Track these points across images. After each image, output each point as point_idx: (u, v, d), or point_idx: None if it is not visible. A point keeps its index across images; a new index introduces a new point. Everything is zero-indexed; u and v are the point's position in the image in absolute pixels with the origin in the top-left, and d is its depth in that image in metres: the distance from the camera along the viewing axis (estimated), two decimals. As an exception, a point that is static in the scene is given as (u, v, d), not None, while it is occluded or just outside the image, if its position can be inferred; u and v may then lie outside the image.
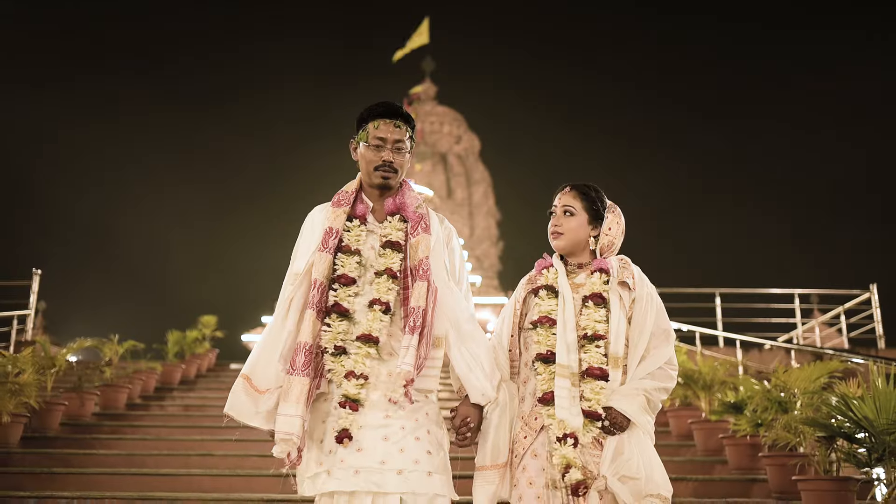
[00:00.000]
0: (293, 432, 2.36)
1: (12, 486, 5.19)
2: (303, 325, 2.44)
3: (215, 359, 11.84)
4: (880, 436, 3.91)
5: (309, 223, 2.67)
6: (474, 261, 32.89)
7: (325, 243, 2.52)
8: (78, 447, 6.46)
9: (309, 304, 2.46)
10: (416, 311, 2.42)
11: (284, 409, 2.38)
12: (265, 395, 2.44)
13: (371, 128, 2.58)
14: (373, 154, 2.57)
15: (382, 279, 2.48)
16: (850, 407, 4.05)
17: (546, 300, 2.56)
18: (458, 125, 43.67)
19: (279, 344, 2.47)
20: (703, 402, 6.49)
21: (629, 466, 2.39)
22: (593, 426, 2.43)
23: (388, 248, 2.54)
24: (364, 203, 2.62)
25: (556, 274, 2.60)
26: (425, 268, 2.49)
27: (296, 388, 2.38)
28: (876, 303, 11.85)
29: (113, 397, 8.00)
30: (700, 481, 5.57)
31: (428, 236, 2.56)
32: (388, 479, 2.34)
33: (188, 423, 7.67)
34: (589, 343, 2.49)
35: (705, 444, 6.29)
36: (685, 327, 9.30)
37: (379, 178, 2.58)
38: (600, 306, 2.51)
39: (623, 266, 2.63)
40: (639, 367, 2.53)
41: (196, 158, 47.19)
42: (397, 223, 2.57)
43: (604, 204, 2.67)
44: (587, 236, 2.64)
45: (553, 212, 2.67)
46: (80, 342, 7.58)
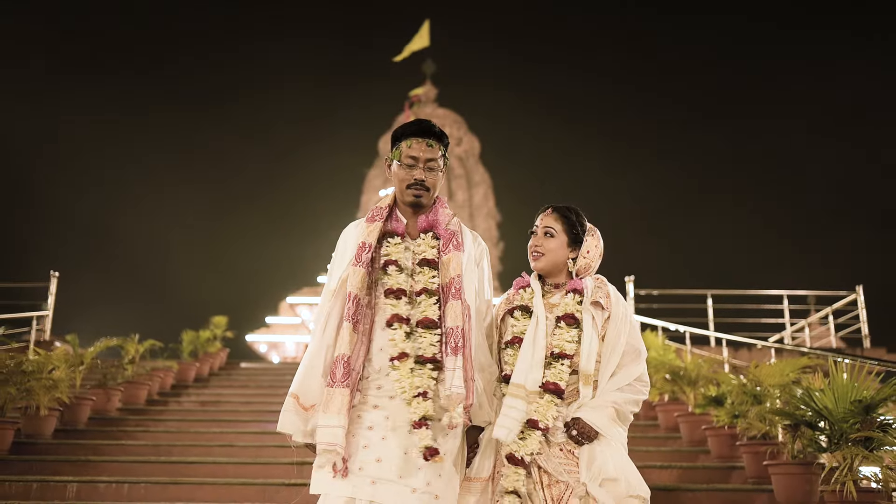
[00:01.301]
0: (336, 443, 2.36)
1: (52, 472, 5.66)
2: (340, 338, 2.44)
3: (226, 357, 12.34)
4: (838, 423, 4.38)
5: (343, 240, 2.68)
6: (474, 262, 33.25)
7: (359, 257, 2.53)
8: (107, 438, 6.95)
9: (345, 316, 2.46)
10: (456, 332, 2.44)
11: (326, 421, 2.38)
12: (310, 411, 2.46)
13: (404, 146, 2.59)
14: (405, 172, 2.58)
15: (423, 298, 2.51)
16: (812, 398, 4.52)
17: (521, 321, 2.63)
18: (458, 127, 43.95)
19: (320, 360, 2.48)
20: (688, 396, 6.96)
21: (606, 470, 2.45)
22: (533, 435, 2.47)
23: (424, 267, 2.56)
24: (398, 220, 2.63)
25: (532, 294, 2.66)
26: (457, 286, 2.51)
27: (337, 399, 2.39)
28: (862, 304, 12.27)
29: (134, 393, 8.49)
30: (685, 469, 6.05)
31: (459, 254, 2.57)
32: (403, 496, 2.36)
33: (206, 418, 8.15)
34: (555, 361, 2.54)
35: (690, 436, 6.76)
36: (673, 327, 9.71)
37: (411, 197, 2.60)
38: (572, 326, 2.56)
39: (598, 286, 2.68)
40: (609, 382, 2.58)
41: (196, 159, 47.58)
42: (430, 240, 2.59)
43: (584, 227, 2.73)
44: (566, 257, 2.68)
45: (534, 231, 2.73)
46: (105, 341, 8.06)
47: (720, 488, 5.49)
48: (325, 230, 41.75)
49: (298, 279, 35.30)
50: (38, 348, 8.31)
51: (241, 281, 43.46)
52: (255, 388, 10.26)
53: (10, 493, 5.15)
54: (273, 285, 42.78)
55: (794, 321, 12.94)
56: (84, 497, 5.09)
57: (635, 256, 38.74)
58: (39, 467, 5.79)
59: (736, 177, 47.96)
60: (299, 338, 28.70)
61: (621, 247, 41.22)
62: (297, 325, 29.24)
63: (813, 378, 5.00)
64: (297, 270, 41.77)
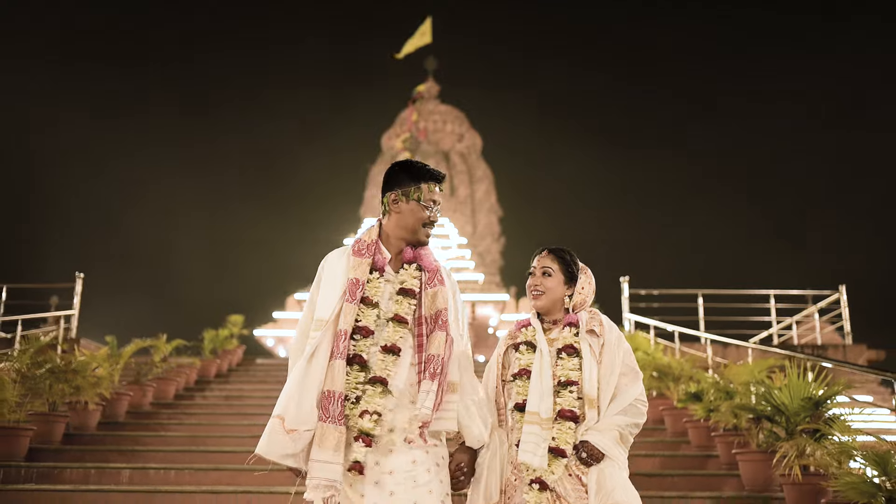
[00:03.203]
0: (336, 479, 2.44)
1: (103, 460, 6.38)
2: (335, 374, 2.53)
3: (242, 354, 13.05)
4: (792, 417, 5.09)
5: (329, 269, 2.74)
6: (477, 257, 33.68)
7: (353, 294, 2.62)
8: (145, 430, 7.69)
9: (340, 353, 2.55)
10: (436, 359, 2.57)
11: (322, 456, 2.45)
12: (292, 434, 2.50)
13: (425, 189, 2.70)
14: (424, 213, 2.71)
15: (392, 325, 2.63)
16: (771, 395, 5.23)
17: (525, 354, 2.81)
18: (460, 123, 44.48)
19: (311, 387, 2.52)
20: (672, 392, 7.66)
21: (615, 496, 2.60)
22: (559, 462, 2.64)
23: (401, 296, 2.67)
24: (382, 254, 2.73)
25: (535, 331, 2.85)
26: (444, 318, 2.65)
27: (333, 436, 2.46)
28: (844, 302, 12.92)
29: (164, 389, 9.21)
30: (667, 457, 6.78)
31: (444, 288, 2.72)
32: None
33: (232, 411, 8.88)
34: (563, 389, 2.72)
35: (673, 427, 7.48)
36: (663, 326, 10.34)
37: (425, 236, 2.74)
38: (573, 356, 2.76)
39: (591, 317, 2.88)
40: (611, 405, 2.74)
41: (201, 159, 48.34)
42: (413, 271, 2.71)
43: (577, 266, 2.92)
44: (563, 295, 2.88)
45: (532, 272, 2.92)
46: (138, 342, 8.77)
47: (697, 474, 6.21)
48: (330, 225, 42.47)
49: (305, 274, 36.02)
50: (66, 345, 9.04)
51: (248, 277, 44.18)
52: (274, 382, 10.95)
53: (71, 478, 5.86)
54: (280, 281, 43.46)
55: (781, 319, 13.56)
56: (137, 482, 5.79)
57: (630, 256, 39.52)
58: (91, 456, 6.50)
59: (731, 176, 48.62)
60: (306, 332, 29.38)
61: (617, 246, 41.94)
62: (303, 320, 29.85)
63: (777, 377, 5.69)
64: (303, 266, 42.44)
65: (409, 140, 38.67)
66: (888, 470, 3.96)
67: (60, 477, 5.86)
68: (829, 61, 49.09)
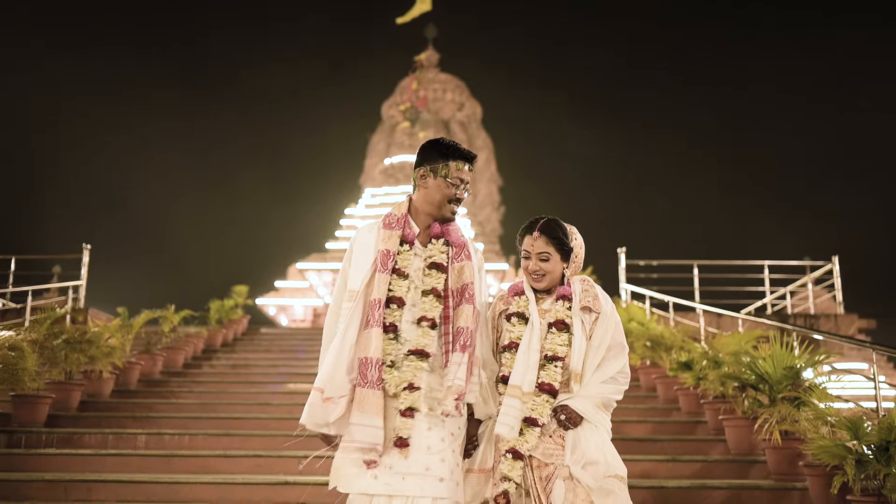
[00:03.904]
0: (377, 442, 2.53)
1: (119, 426, 6.67)
2: (371, 342, 2.62)
3: (247, 323, 13.34)
4: (775, 385, 5.36)
5: (359, 242, 2.84)
6: (477, 227, 33.87)
7: (385, 265, 2.72)
8: (157, 398, 7.99)
9: (375, 321, 2.64)
10: (465, 332, 2.67)
11: (364, 420, 2.55)
12: (328, 403, 2.61)
13: (453, 167, 2.77)
14: (450, 190, 2.78)
15: (429, 298, 2.71)
16: (756, 365, 5.50)
17: (517, 327, 2.84)
18: (460, 92, 44.36)
19: (345, 357, 2.63)
20: (665, 361, 7.94)
21: (588, 453, 2.68)
22: (532, 431, 2.71)
23: (433, 269, 2.76)
24: (411, 228, 2.82)
25: (528, 302, 2.88)
26: (470, 292, 2.75)
27: (373, 401, 2.57)
28: (837, 273, 13.17)
29: (173, 358, 9.51)
30: (658, 423, 7.08)
31: (471, 263, 2.81)
32: (431, 485, 2.56)
33: (239, 380, 9.20)
34: (549, 363, 2.76)
35: (665, 395, 7.77)
36: (659, 296, 10.57)
37: (449, 212, 2.82)
38: (563, 331, 2.79)
39: (585, 289, 2.89)
40: (595, 374, 2.80)
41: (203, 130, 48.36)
42: (441, 246, 2.79)
43: (568, 237, 2.90)
44: (562, 271, 2.89)
45: (528, 256, 2.89)
46: (148, 313, 9.04)
47: (686, 439, 6.50)
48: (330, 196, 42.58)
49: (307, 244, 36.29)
50: (79, 316, 9.29)
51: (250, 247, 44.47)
52: (278, 352, 11.28)
53: (90, 443, 6.16)
54: (281, 250, 43.77)
55: (775, 289, 13.81)
56: (153, 446, 6.09)
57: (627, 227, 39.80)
58: (108, 422, 6.80)
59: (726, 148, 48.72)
60: (307, 301, 29.74)
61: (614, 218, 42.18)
62: (305, 290, 30.23)
63: (763, 347, 5.95)
64: (305, 235, 42.67)
65: (409, 110, 38.61)
66: (859, 434, 4.24)
67: (80, 442, 6.16)
68: (831, 33, 48.90)
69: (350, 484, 2.61)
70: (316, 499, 4.88)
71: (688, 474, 5.65)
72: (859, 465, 4.16)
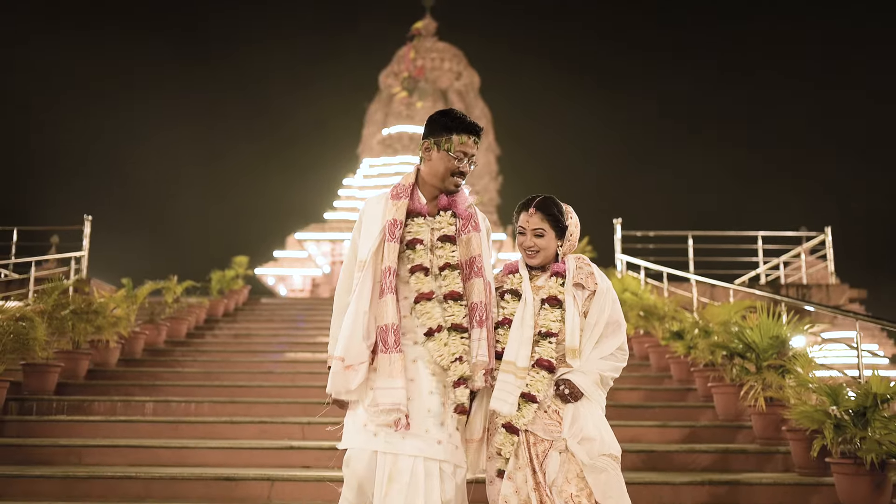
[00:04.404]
0: (401, 402, 2.61)
1: (126, 394, 6.87)
2: (388, 309, 2.68)
3: (248, 294, 13.53)
4: (761, 354, 5.56)
5: (368, 213, 2.88)
6: (474, 196, 34.04)
7: (392, 234, 2.74)
8: (162, 366, 8.19)
9: (389, 289, 2.69)
10: (480, 306, 2.75)
11: (387, 384, 2.62)
12: (349, 371, 2.68)
13: (456, 140, 2.78)
14: (454, 163, 2.79)
15: (451, 272, 2.78)
16: (743, 334, 5.69)
17: (510, 304, 2.88)
18: (458, 61, 44.11)
19: (360, 325, 2.68)
20: (657, 330, 8.14)
21: (586, 430, 2.71)
22: (529, 407, 2.74)
23: (445, 242, 2.81)
24: (418, 199, 2.85)
25: (521, 279, 2.91)
26: (479, 265, 2.80)
27: (395, 364, 2.63)
28: (829, 243, 13.35)
29: (176, 328, 9.70)
30: (651, 390, 7.29)
31: (479, 234, 2.84)
32: (431, 447, 2.63)
33: (241, 349, 9.41)
34: (543, 339, 2.80)
35: (657, 364, 7.98)
36: (653, 267, 10.73)
37: (452, 185, 2.84)
38: (556, 307, 2.82)
39: (580, 266, 2.92)
40: (594, 351, 2.83)
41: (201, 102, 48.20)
42: (449, 218, 2.83)
43: (564, 215, 2.94)
44: (556, 248, 2.92)
45: (523, 232, 2.93)
46: (151, 284, 9.22)
47: (677, 405, 6.71)
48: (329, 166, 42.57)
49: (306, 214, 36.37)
50: (85, 287, 9.46)
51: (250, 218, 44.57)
52: (279, 321, 11.48)
53: (99, 410, 6.36)
54: (280, 221, 43.87)
55: (768, 259, 13.98)
56: (160, 413, 6.29)
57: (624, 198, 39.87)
58: (115, 390, 7.00)
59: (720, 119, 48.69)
60: (306, 271, 29.93)
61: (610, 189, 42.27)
62: (303, 260, 30.41)
63: (751, 317, 6.14)
64: (303, 206, 42.77)
65: (407, 79, 38.47)
66: (839, 400, 4.44)
67: (89, 409, 6.36)
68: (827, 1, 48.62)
69: (350, 439, 2.70)
70: (319, 462, 5.09)
71: (677, 439, 5.87)
72: (837, 429, 4.36)
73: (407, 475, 2.58)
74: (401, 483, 2.57)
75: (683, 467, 5.32)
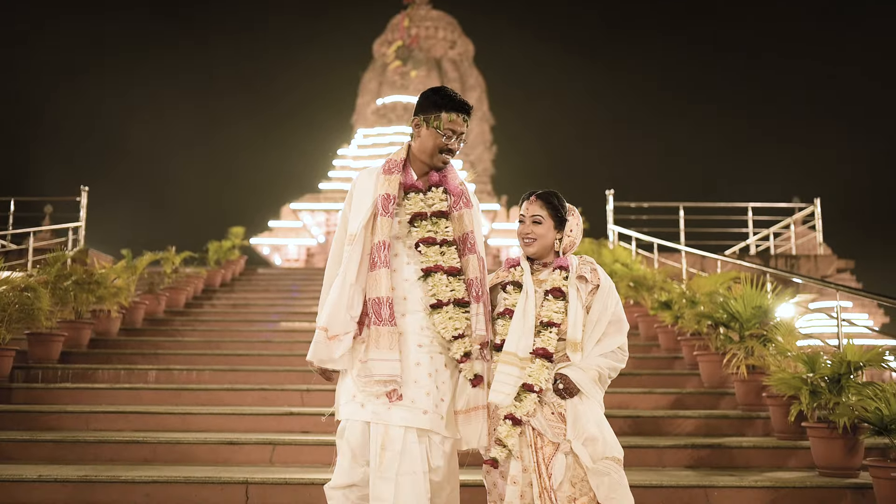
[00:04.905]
0: (396, 373, 2.65)
1: (129, 362, 7.06)
2: (380, 282, 2.70)
3: (244, 264, 13.69)
4: (745, 323, 5.76)
5: (359, 187, 2.88)
6: (468, 166, 34.01)
7: (386, 208, 2.76)
8: (162, 335, 8.38)
9: (383, 262, 2.71)
10: (476, 282, 2.79)
11: (381, 355, 2.65)
12: (334, 341, 2.70)
13: (445, 117, 2.79)
14: (442, 140, 2.80)
15: (446, 248, 2.80)
16: (727, 304, 5.88)
17: (512, 295, 2.88)
18: (452, 30, 43.83)
19: (345, 297, 2.70)
20: (646, 300, 8.34)
21: (589, 429, 2.69)
22: (529, 397, 2.73)
23: (440, 218, 2.83)
24: (410, 174, 2.87)
25: (522, 272, 2.92)
26: (472, 241, 2.84)
27: (387, 337, 2.66)
28: (818, 215, 13.53)
29: (175, 298, 9.87)
30: (639, 359, 7.51)
31: (470, 210, 2.88)
32: (417, 417, 2.67)
33: (239, 318, 9.59)
34: (545, 329, 2.80)
35: (646, 333, 8.20)
36: (645, 238, 10.90)
37: (440, 162, 2.85)
38: (559, 299, 2.82)
39: (582, 263, 2.93)
40: (595, 348, 2.81)
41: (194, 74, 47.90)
42: (441, 194, 2.85)
43: (565, 209, 2.94)
44: (553, 239, 2.91)
45: (522, 220, 2.95)
46: (150, 255, 9.35)
47: (665, 373, 6.93)
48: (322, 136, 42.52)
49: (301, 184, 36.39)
50: (85, 258, 9.60)
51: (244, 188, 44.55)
52: (275, 291, 11.66)
53: (103, 378, 6.54)
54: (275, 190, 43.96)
55: (758, 230, 14.16)
56: (163, 381, 6.48)
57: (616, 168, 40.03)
58: (118, 358, 7.18)
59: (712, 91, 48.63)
60: (301, 241, 30.07)
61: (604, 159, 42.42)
62: (298, 229, 30.52)
63: (735, 287, 6.34)
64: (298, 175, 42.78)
65: (401, 48, 38.27)
66: (815, 368, 4.64)
67: (93, 377, 6.54)
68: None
69: (342, 410, 2.76)
70: (318, 427, 5.29)
71: (663, 405, 6.09)
72: (813, 395, 4.57)
73: (399, 443, 2.64)
74: (393, 451, 2.64)
75: (669, 432, 5.54)
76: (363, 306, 2.73)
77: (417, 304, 2.78)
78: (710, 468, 4.95)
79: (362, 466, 2.71)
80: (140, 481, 4.29)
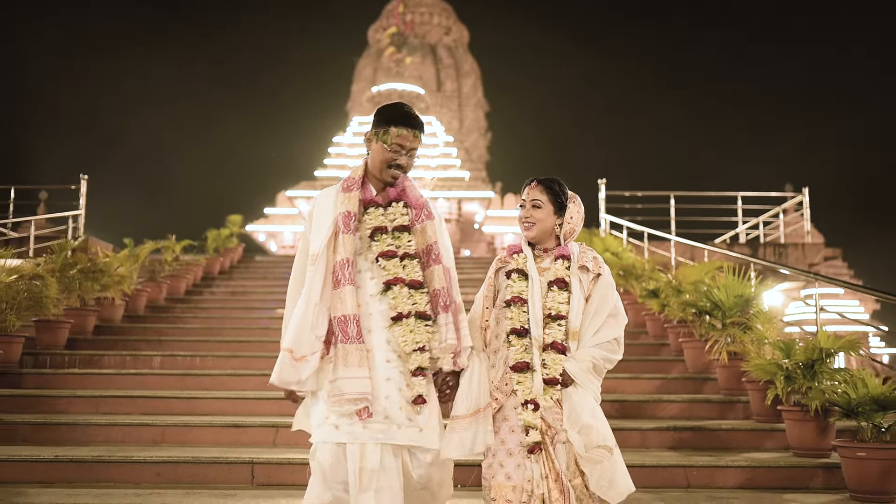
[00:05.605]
0: (367, 391, 2.61)
1: (133, 348, 7.29)
2: (346, 300, 2.67)
3: (242, 252, 13.89)
4: (727, 312, 6.01)
5: (319, 207, 2.85)
6: (463, 153, 34.11)
7: (347, 225, 2.74)
8: (164, 322, 8.61)
9: (347, 280, 2.69)
10: (443, 293, 2.78)
11: (351, 373, 2.62)
12: (301, 362, 2.66)
13: (394, 132, 2.78)
14: (390, 155, 2.80)
15: (410, 262, 2.78)
16: (711, 293, 6.13)
17: (518, 282, 2.88)
18: (447, 16, 43.85)
19: (309, 316, 2.67)
20: (635, 288, 8.59)
21: (584, 417, 2.72)
22: (554, 390, 2.75)
23: (403, 232, 2.82)
24: (370, 190, 2.85)
25: (526, 259, 2.92)
26: (436, 252, 2.83)
27: (356, 354, 2.63)
28: (807, 204, 13.77)
29: (176, 286, 10.09)
30: (628, 345, 7.68)
31: (433, 222, 2.87)
32: (392, 434, 2.65)
33: (239, 305, 9.82)
34: (552, 321, 2.81)
35: (634, 320, 8.45)
36: (632, 225, 11.14)
37: (389, 177, 2.84)
38: (563, 290, 2.84)
39: (583, 252, 2.95)
40: (592, 338, 2.83)
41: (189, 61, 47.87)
42: (402, 209, 2.84)
43: (566, 196, 2.95)
44: (553, 225, 2.93)
45: (523, 205, 2.97)
46: (151, 244, 9.56)
47: (651, 359, 7.20)
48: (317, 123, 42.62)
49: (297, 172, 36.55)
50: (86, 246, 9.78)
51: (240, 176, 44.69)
52: (273, 279, 11.86)
53: (110, 363, 6.77)
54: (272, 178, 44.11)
55: (748, 219, 14.39)
56: (168, 367, 6.71)
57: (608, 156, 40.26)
58: (123, 345, 7.41)
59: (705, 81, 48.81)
60: (297, 228, 30.27)
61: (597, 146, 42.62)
62: (294, 216, 30.71)
63: (719, 277, 6.59)
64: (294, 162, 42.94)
65: (396, 35, 38.29)
66: (790, 354, 4.90)
67: (100, 363, 6.77)
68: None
69: (315, 433, 2.71)
70: (319, 411, 5.53)
71: (650, 390, 6.35)
72: (788, 380, 4.83)
73: (376, 461, 2.62)
74: (371, 470, 2.61)
75: (653, 415, 5.80)
76: (329, 325, 2.70)
77: (382, 319, 2.74)
78: (692, 449, 5.21)
79: (331, 489, 2.69)
80: (151, 461, 4.54)
